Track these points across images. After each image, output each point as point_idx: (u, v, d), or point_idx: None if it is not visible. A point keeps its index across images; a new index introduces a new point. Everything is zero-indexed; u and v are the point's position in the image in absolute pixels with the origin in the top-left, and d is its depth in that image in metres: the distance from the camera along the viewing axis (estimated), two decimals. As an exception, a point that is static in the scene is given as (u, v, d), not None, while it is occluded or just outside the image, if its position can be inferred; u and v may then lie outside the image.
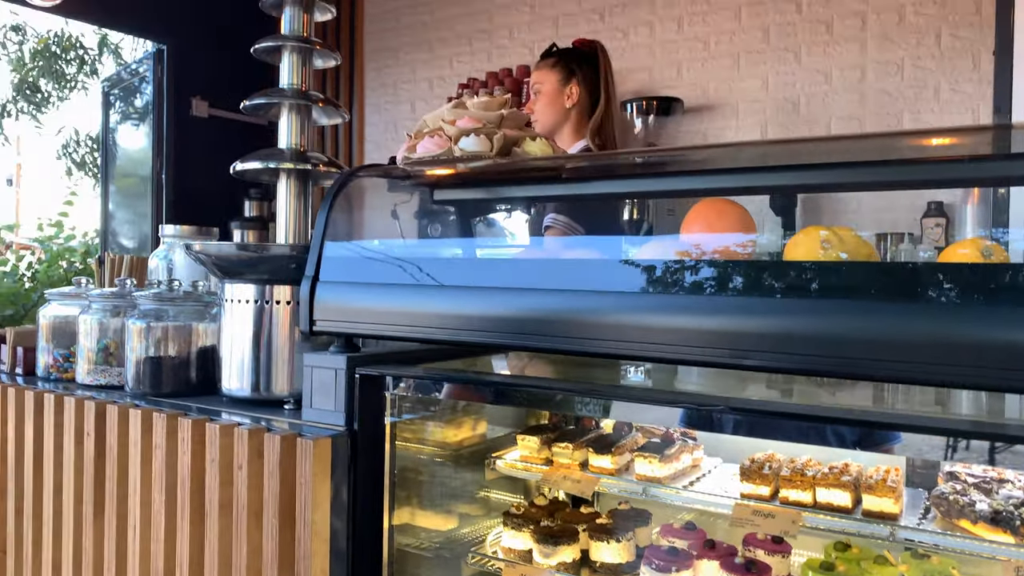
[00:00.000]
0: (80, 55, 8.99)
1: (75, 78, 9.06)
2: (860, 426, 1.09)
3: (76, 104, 11.06)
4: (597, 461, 1.67)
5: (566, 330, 1.29)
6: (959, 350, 0.95)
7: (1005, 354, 0.92)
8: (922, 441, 1.12)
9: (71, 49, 8.87)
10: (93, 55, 8.47)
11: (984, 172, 1.48)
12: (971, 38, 3.38)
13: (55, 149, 9.60)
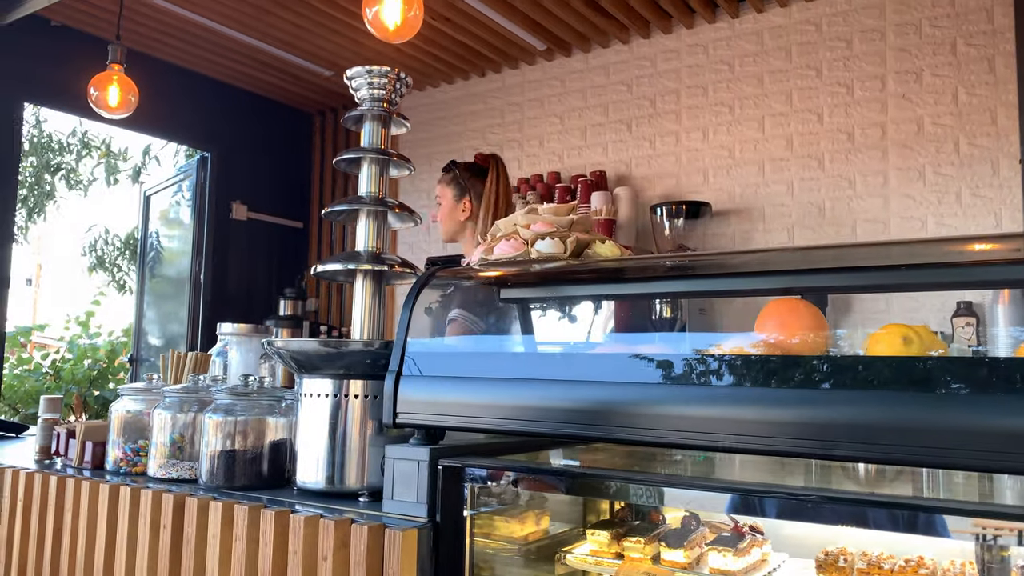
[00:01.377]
0: (107, 160, 9.37)
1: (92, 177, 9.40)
2: (962, 514, 1.13)
3: (106, 204, 11.43)
4: (669, 555, 1.69)
5: (647, 422, 1.35)
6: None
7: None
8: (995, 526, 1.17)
9: (92, 149, 9.26)
10: (137, 164, 8.84)
11: (1009, 275, 1.57)
12: (989, 147, 3.54)
13: (80, 247, 9.84)
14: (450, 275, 1.79)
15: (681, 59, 4.47)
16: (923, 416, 1.13)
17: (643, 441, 1.36)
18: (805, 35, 4.10)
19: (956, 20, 3.69)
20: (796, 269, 1.66)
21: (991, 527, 1.67)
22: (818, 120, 4.02)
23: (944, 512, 1.15)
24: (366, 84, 1.98)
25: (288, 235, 5.89)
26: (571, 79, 4.86)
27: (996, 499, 1.39)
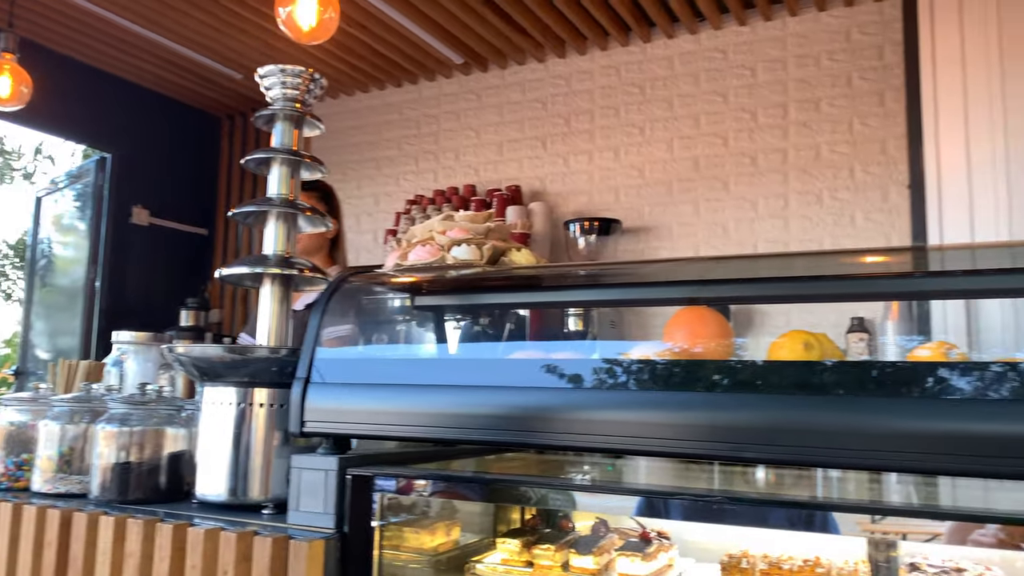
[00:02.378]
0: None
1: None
2: (858, 511, 1.18)
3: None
4: (579, 561, 1.70)
5: (559, 427, 1.36)
6: (941, 439, 1.07)
7: (983, 442, 1.04)
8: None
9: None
10: (28, 164, 8.36)
11: (905, 287, 1.67)
12: (880, 174, 3.76)
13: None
14: (363, 281, 1.76)
15: (594, 80, 4.57)
16: (824, 418, 1.17)
17: (555, 445, 1.36)
18: (712, 62, 4.26)
19: (851, 55, 3.91)
20: (703, 279, 1.71)
21: (879, 531, 1.75)
22: (723, 144, 4.17)
23: (835, 509, 1.20)
24: (279, 83, 1.94)
25: (192, 242, 5.68)
26: (487, 94, 4.89)
27: (888, 500, 1.46)
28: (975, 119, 2.84)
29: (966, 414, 1.11)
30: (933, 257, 1.75)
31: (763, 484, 1.58)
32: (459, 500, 1.75)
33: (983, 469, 1.11)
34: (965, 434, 1.11)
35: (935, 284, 1.46)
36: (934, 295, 2.05)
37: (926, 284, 1.50)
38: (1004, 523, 1.14)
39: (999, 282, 1.43)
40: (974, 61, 2.86)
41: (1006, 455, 1.08)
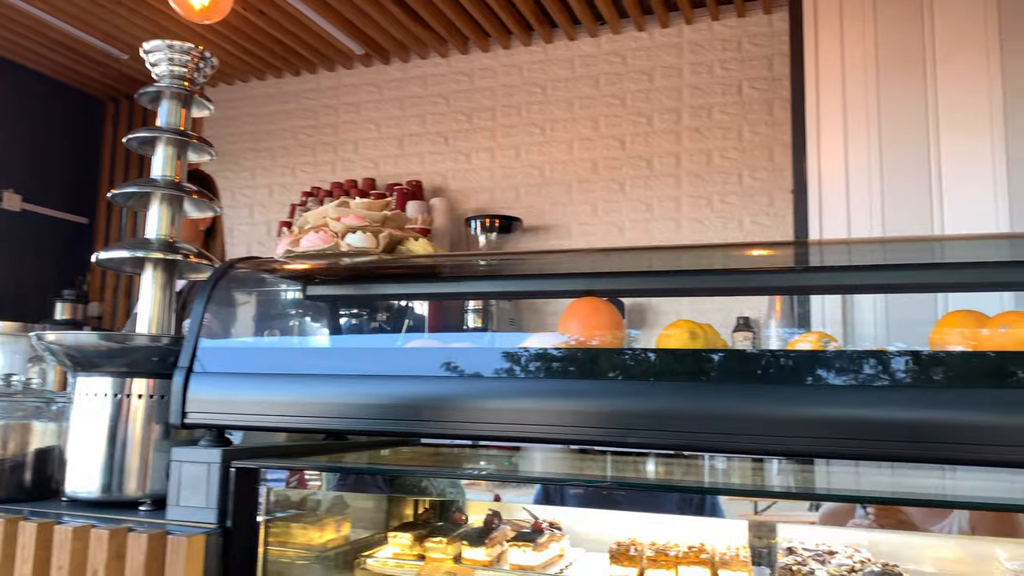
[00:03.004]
0: None
1: None
2: (744, 495, 1.22)
3: None
4: (471, 553, 1.69)
5: (452, 416, 1.35)
6: (818, 424, 1.13)
7: (858, 426, 1.10)
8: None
9: None
10: None
11: (791, 281, 1.75)
12: (766, 180, 3.93)
13: None
14: (252, 267, 1.70)
15: (497, 78, 4.59)
16: (708, 405, 1.21)
17: (446, 434, 1.35)
18: (612, 66, 4.35)
19: (742, 65, 4.07)
20: (597, 271, 1.74)
21: (755, 520, 1.83)
22: (621, 147, 4.27)
23: (718, 493, 1.24)
24: (166, 59, 1.84)
25: (71, 231, 5.35)
26: (389, 87, 4.83)
27: (769, 485, 1.52)
28: (853, 128, 3.02)
29: (841, 400, 1.17)
30: (814, 253, 1.84)
31: (652, 473, 1.62)
32: (349, 493, 1.72)
33: (857, 452, 1.17)
34: (840, 419, 1.17)
35: (816, 278, 1.54)
36: (815, 289, 2.15)
37: (808, 278, 1.58)
38: (873, 503, 1.21)
39: (875, 278, 1.51)
40: (853, 73, 3.04)
41: (879, 439, 1.14)
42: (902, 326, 2.54)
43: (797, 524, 1.85)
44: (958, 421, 1.11)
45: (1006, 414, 1.10)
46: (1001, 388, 1.11)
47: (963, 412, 1.12)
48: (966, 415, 1.12)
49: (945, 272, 1.43)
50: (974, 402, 1.12)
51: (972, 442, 1.10)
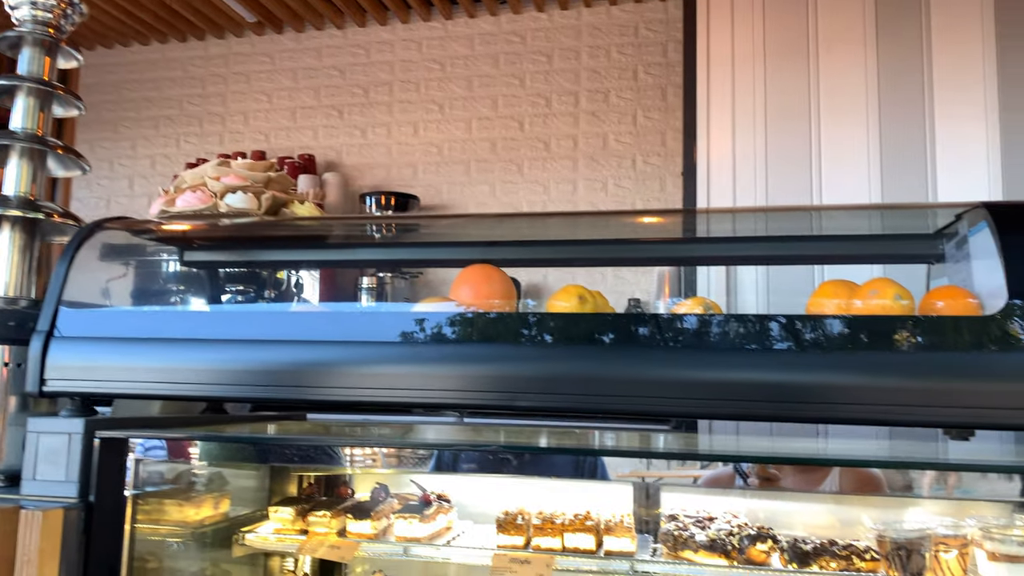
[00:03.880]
0: None
1: None
2: (626, 455, 1.23)
3: None
4: (356, 527, 1.65)
5: (334, 381, 1.31)
6: (698, 386, 1.15)
7: (737, 388, 1.13)
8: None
9: None
10: None
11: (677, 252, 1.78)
12: (659, 165, 4.01)
13: None
14: (122, 227, 1.59)
15: (395, 52, 4.49)
16: (596, 367, 1.21)
17: (330, 401, 1.31)
18: (511, 45, 4.34)
19: (638, 50, 4.14)
20: (491, 239, 1.73)
21: (641, 489, 1.86)
22: (519, 128, 4.26)
23: (602, 454, 1.25)
24: (27, 2, 1.70)
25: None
26: (281, 57, 4.65)
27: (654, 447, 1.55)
28: (741, 114, 3.12)
29: (720, 362, 1.20)
30: (701, 223, 1.88)
31: (541, 440, 1.62)
32: (230, 471, 1.64)
33: (735, 412, 1.20)
34: (718, 381, 1.19)
35: (701, 249, 1.57)
36: (702, 260, 2.18)
37: (693, 249, 1.61)
38: (755, 462, 1.25)
39: (758, 249, 1.56)
40: (742, 61, 3.14)
41: (757, 399, 1.17)
42: (783, 296, 2.64)
43: (681, 493, 1.90)
44: (827, 382, 1.16)
45: (873, 375, 1.15)
46: (868, 351, 1.16)
47: (834, 374, 1.17)
48: (836, 376, 1.16)
49: (821, 244, 1.49)
50: (841, 364, 1.17)
51: (839, 401, 1.14)
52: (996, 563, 1.37)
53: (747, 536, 1.53)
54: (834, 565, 1.44)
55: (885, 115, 2.92)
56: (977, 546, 1.41)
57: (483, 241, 1.57)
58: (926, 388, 1.11)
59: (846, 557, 1.45)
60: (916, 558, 1.39)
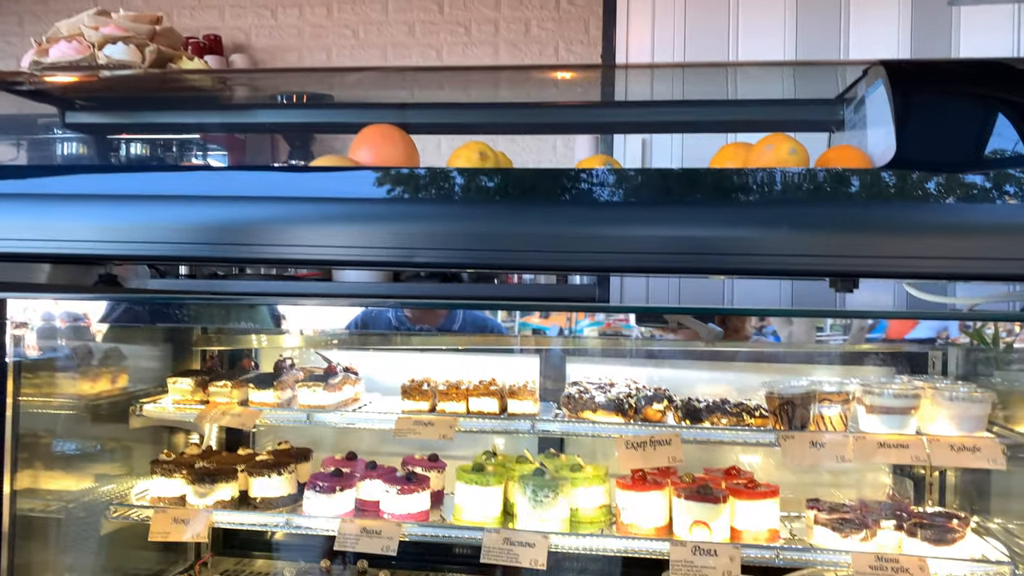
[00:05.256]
0: None
1: None
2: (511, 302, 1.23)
3: None
4: (258, 396, 1.63)
5: (225, 238, 1.26)
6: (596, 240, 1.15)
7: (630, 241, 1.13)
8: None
9: None
10: None
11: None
12: (581, 54, 3.93)
13: None
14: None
15: (307, -75, 4.21)
16: (497, 223, 1.20)
17: (223, 258, 1.26)
18: (431, -77, 4.11)
19: (562, -67, 3.98)
20: (397, 101, 1.67)
21: (546, 358, 1.89)
22: (439, 10, 4.09)
23: (501, 307, 1.25)
24: None
25: None
26: (182, -73, 4.30)
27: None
28: (660, 3, 3.07)
29: (616, 217, 1.20)
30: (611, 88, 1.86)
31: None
32: (126, 346, 1.59)
33: (633, 266, 1.21)
34: (615, 236, 1.19)
35: (612, 115, 1.55)
36: (611, 127, 2.12)
37: (605, 115, 1.59)
38: (643, 312, 1.27)
39: (666, 114, 1.55)
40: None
41: (651, 252, 1.18)
42: (697, 164, 2.65)
43: (585, 364, 1.94)
44: (721, 235, 1.17)
45: (765, 227, 1.17)
46: (761, 205, 1.18)
47: (727, 227, 1.18)
48: (730, 229, 1.18)
49: (726, 109, 1.49)
50: (734, 217, 1.18)
51: (733, 252, 1.16)
52: (873, 415, 1.45)
53: (644, 397, 1.58)
54: (725, 421, 1.50)
55: (803, 5, 2.91)
56: (858, 402, 1.49)
57: (383, 103, 1.51)
58: (814, 239, 1.14)
59: (737, 414, 1.51)
60: (801, 412, 1.45)
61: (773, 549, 1.41)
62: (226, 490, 1.57)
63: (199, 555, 1.93)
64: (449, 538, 1.53)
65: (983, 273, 1.12)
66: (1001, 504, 1.58)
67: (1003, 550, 1.44)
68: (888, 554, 1.34)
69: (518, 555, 1.40)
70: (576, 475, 1.59)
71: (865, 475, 1.83)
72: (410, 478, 1.56)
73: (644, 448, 1.43)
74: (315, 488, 1.54)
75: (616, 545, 1.48)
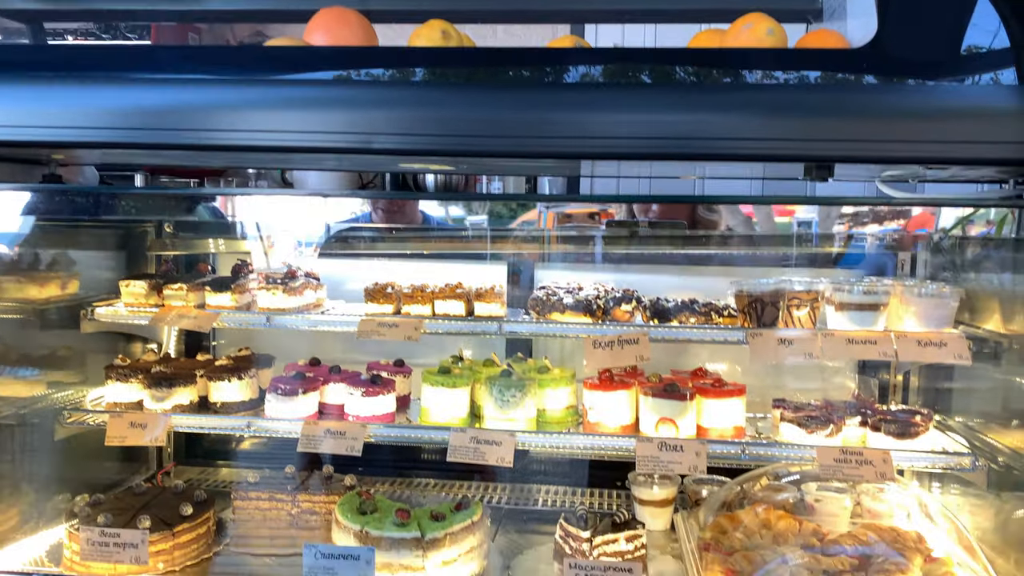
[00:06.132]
0: None
1: None
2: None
3: None
4: (216, 299, 1.57)
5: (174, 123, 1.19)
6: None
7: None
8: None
9: None
10: None
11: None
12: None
13: None
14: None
15: None
16: (460, 107, 1.14)
17: (169, 144, 1.19)
18: None
19: None
20: None
21: (513, 264, 1.85)
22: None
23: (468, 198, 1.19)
24: None
25: None
26: None
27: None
28: None
29: (586, 101, 1.14)
30: None
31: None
32: (77, 252, 1.51)
33: (604, 151, 1.16)
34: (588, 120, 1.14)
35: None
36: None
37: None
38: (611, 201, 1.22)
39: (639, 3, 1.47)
40: None
41: (635, 136, 1.13)
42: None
43: (553, 271, 1.91)
44: (696, 119, 1.12)
45: (741, 112, 1.12)
46: (735, 89, 1.13)
47: (703, 111, 1.13)
48: (705, 114, 1.13)
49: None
50: (709, 101, 1.13)
51: (709, 137, 1.12)
52: (842, 312, 1.44)
53: (612, 298, 1.55)
54: (693, 320, 1.49)
55: None
56: (827, 301, 1.47)
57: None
58: (791, 122, 1.09)
59: (705, 313, 1.49)
60: (770, 310, 1.44)
61: (739, 444, 1.42)
62: (184, 395, 1.53)
63: (161, 465, 1.90)
64: (416, 439, 1.51)
65: (960, 157, 1.09)
66: (963, 404, 1.60)
67: (964, 443, 1.45)
68: (852, 447, 1.35)
69: (484, 453, 1.38)
70: (543, 377, 1.57)
71: (831, 379, 1.84)
72: (375, 381, 1.53)
73: (612, 347, 1.40)
74: (277, 391, 1.51)
75: (582, 443, 1.47)
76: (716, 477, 1.71)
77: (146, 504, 1.47)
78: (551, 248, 1.81)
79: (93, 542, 1.32)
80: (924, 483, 1.67)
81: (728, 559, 1.35)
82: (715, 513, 1.50)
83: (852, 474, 1.29)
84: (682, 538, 1.53)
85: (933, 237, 1.62)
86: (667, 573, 1.44)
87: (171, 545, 1.39)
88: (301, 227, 1.89)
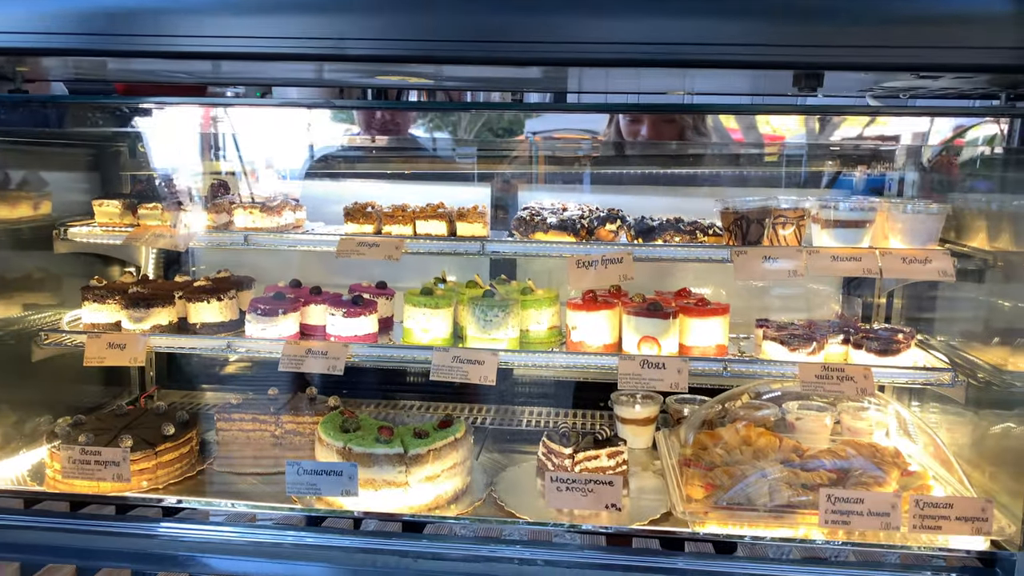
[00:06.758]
0: None
1: None
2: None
3: None
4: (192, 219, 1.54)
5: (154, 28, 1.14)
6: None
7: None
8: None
9: None
10: None
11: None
12: None
13: None
14: None
15: None
16: (438, 11, 1.09)
17: (146, 51, 1.14)
18: None
19: None
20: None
21: (500, 186, 1.82)
22: None
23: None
24: None
25: None
26: None
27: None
28: None
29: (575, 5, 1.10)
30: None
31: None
32: (49, 174, 1.46)
33: (596, 58, 1.13)
34: (578, 24, 1.10)
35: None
36: None
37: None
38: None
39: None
40: None
41: (622, 41, 1.09)
42: None
43: (538, 192, 1.88)
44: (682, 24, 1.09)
45: (727, 16, 1.08)
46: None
47: (688, 17, 1.09)
48: (692, 18, 1.09)
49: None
50: (696, 7, 1.09)
51: (694, 42, 1.08)
52: (827, 230, 1.42)
53: (597, 218, 1.53)
54: (678, 239, 1.47)
55: None
56: (813, 220, 1.46)
57: None
58: (781, 28, 1.06)
59: (690, 232, 1.47)
60: (755, 228, 1.42)
61: (721, 361, 1.42)
62: (163, 315, 1.51)
63: (144, 389, 1.90)
64: (398, 359, 1.50)
65: (956, 63, 1.06)
66: (946, 324, 1.60)
67: (944, 359, 1.46)
68: (834, 364, 1.35)
69: (467, 372, 1.38)
70: (527, 298, 1.56)
71: (816, 303, 1.84)
72: (357, 301, 1.52)
73: (595, 266, 1.39)
74: (256, 311, 1.49)
75: (565, 361, 1.47)
76: (698, 397, 1.72)
77: (128, 424, 1.47)
78: (537, 168, 1.78)
79: (74, 460, 1.32)
80: (904, 400, 1.69)
81: (708, 474, 1.36)
82: (696, 431, 1.51)
83: (833, 390, 1.29)
84: (663, 455, 1.54)
85: (922, 155, 1.59)
86: (648, 488, 1.46)
87: (154, 464, 1.40)
88: (282, 151, 1.85)
